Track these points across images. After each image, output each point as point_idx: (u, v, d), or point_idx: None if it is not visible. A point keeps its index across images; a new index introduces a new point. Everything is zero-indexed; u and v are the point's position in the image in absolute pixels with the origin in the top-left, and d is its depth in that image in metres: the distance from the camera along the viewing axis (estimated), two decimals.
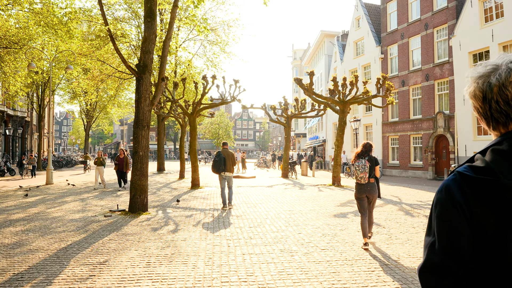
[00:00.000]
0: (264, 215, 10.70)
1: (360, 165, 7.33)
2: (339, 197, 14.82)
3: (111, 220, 10.09)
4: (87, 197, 15.24)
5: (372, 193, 7.36)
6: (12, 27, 23.14)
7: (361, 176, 7.31)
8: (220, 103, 19.21)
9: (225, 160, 12.20)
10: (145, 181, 11.39)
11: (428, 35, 27.76)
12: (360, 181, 7.37)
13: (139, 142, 11.31)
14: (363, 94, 19.79)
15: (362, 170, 7.30)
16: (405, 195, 15.85)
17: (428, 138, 27.43)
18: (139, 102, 11.40)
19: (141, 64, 11.45)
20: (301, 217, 10.38)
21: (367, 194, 7.38)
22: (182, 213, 11.18)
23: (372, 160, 7.51)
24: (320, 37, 48.10)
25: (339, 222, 9.57)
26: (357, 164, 7.38)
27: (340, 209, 11.83)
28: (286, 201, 13.79)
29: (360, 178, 7.33)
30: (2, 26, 22.48)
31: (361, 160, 7.40)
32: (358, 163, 7.38)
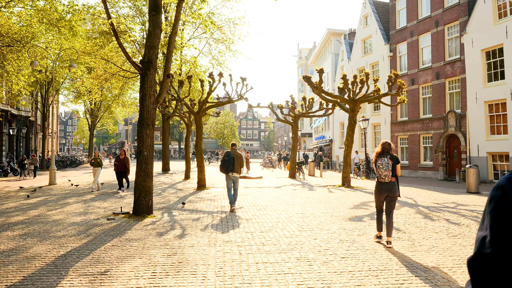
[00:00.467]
0: (275, 218, 10.15)
1: (383, 163, 7.45)
2: (351, 199, 14.25)
3: (114, 223, 9.58)
4: (90, 198, 14.75)
5: (393, 191, 7.42)
6: (14, 25, 22.75)
7: (385, 174, 7.40)
8: (227, 101, 18.69)
9: (234, 161, 11.90)
10: (150, 182, 10.87)
11: (439, 32, 27.12)
12: (384, 180, 7.44)
13: (144, 142, 10.80)
14: (373, 92, 19.19)
15: (386, 168, 7.41)
16: (419, 196, 15.26)
17: (438, 137, 26.79)
18: (143, 100, 10.89)
19: (145, 60, 10.94)
20: (314, 220, 9.83)
21: (388, 193, 7.45)
22: (188, 216, 10.66)
23: (393, 158, 7.56)
24: (327, 35, 47.49)
25: (355, 227, 9.01)
26: (380, 162, 7.49)
27: (354, 211, 11.27)
28: (297, 203, 13.24)
29: (384, 176, 7.42)
30: (5, 24, 22.09)
31: (384, 158, 7.50)
32: (381, 161, 7.49)
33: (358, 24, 37.36)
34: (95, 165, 18.06)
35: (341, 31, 46.20)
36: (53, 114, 61.24)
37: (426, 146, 28.54)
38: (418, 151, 28.93)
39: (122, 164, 17.37)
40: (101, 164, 17.99)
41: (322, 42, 49.89)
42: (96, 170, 17.95)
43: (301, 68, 77.41)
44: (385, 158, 7.51)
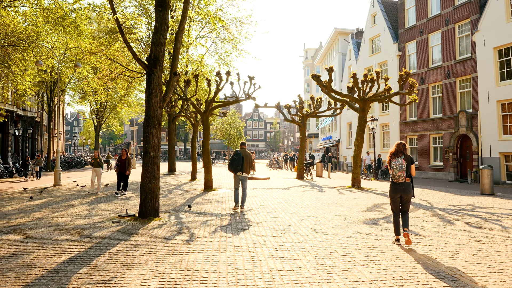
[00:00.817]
0: (286, 221, 9.74)
1: (397, 164, 7.43)
2: (363, 201, 13.81)
3: (119, 227, 9.21)
4: (94, 200, 14.41)
5: (407, 192, 7.44)
6: (19, 24, 22.52)
7: (399, 175, 7.40)
8: (234, 101, 18.30)
9: (243, 160, 11.74)
10: (157, 184, 10.50)
11: (449, 30, 26.60)
12: (398, 180, 7.44)
13: (150, 142, 10.43)
14: (384, 92, 18.73)
15: (400, 169, 7.40)
16: (433, 198, 14.80)
17: (449, 138, 26.28)
18: (149, 98, 10.53)
19: (152, 57, 10.57)
20: (328, 224, 9.42)
21: (402, 194, 7.47)
22: (196, 218, 10.27)
23: (408, 159, 7.56)
24: (334, 35, 47.02)
25: (371, 231, 8.59)
26: (394, 163, 7.48)
27: (368, 214, 10.84)
28: (307, 205, 12.83)
29: (398, 177, 7.41)
30: (10, 23, 21.86)
31: (398, 159, 7.49)
32: (395, 162, 7.48)
33: (366, 23, 36.87)
34: (95, 165, 17.32)
35: (348, 31, 45.72)
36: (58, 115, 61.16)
37: (436, 147, 28.02)
38: (428, 152, 28.42)
39: (124, 165, 16.59)
40: (101, 164, 17.24)
41: (329, 42, 49.41)
42: (96, 171, 17.20)
43: (307, 68, 76.94)
44: (399, 159, 7.48)
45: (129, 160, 16.51)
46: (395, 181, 7.50)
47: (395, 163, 7.46)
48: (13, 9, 22.52)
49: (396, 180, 7.47)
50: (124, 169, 16.41)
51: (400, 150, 7.59)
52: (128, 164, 16.46)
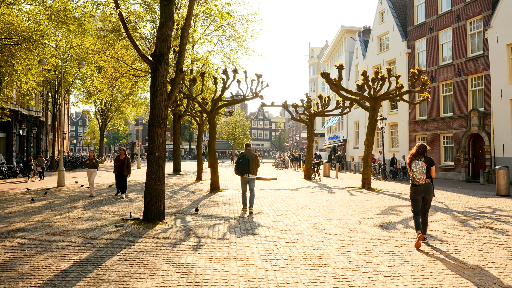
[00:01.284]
0: (298, 226, 9.24)
1: (417, 166, 7.44)
2: (376, 203, 13.28)
3: (122, 231, 8.74)
4: (98, 201, 13.97)
5: (428, 193, 7.50)
6: (23, 22, 22.16)
7: (419, 177, 7.42)
8: (241, 99, 17.81)
9: (249, 162, 11.60)
10: (162, 185, 10.02)
11: (460, 27, 25.97)
12: (418, 183, 7.46)
13: (155, 142, 9.95)
14: (396, 90, 18.18)
15: (420, 172, 7.42)
16: (448, 200, 14.24)
17: (460, 137, 25.65)
18: (154, 96, 10.05)
19: (156, 53, 10.10)
20: (343, 228, 8.90)
21: (423, 195, 7.52)
22: (203, 222, 9.79)
23: (428, 161, 7.59)
24: (341, 33, 46.41)
25: (390, 236, 8.07)
26: (415, 165, 7.48)
27: (384, 218, 10.31)
28: (318, 207, 12.31)
29: (418, 179, 7.43)
30: (13, 21, 21.50)
31: (418, 161, 7.49)
32: (415, 164, 7.48)
33: (374, 21, 36.28)
34: (90, 167, 16.02)
35: (356, 28, 45.11)
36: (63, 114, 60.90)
37: (447, 146, 27.41)
38: (438, 151, 27.79)
39: (122, 166, 15.30)
40: (96, 165, 16.03)
41: (335, 40, 48.81)
42: (91, 172, 15.93)
43: (313, 67, 76.35)
44: (419, 161, 7.49)
45: (128, 161, 15.33)
46: (415, 183, 7.52)
47: (415, 166, 7.47)
48: (16, 7, 22.18)
49: (416, 182, 7.48)
50: (123, 170, 15.33)
51: (420, 152, 7.58)
52: (128, 164, 15.29)
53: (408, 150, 30.58)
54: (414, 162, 7.52)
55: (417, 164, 7.45)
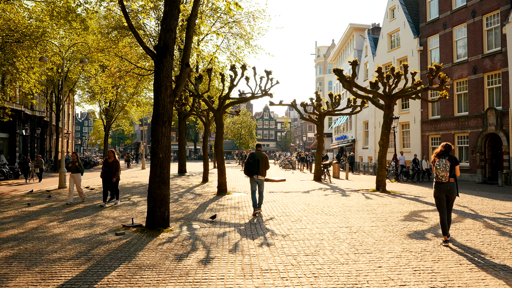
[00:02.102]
0: (317, 234, 8.36)
1: (441, 164, 7.54)
2: (396, 207, 12.37)
3: (123, 240, 7.91)
4: (99, 205, 13.14)
5: (451, 192, 7.57)
6: (24, 19, 21.48)
7: (442, 175, 7.51)
8: (250, 97, 16.95)
9: (259, 163, 11.24)
10: (166, 189, 9.18)
11: (476, 23, 24.97)
12: (441, 180, 7.55)
13: (159, 142, 9.11)
14: (413, 87, 17.25)
15: (443, 169, 7.51)
16: (472, 203, 13.31)
17: (476, 137, 24.66)
18: (158, 92, 9.21)
19: (161, 45, 9.26)
20: (367, 238, 8.02)
21: (447, 193, 7.59)
22: (211, 230, 8.94)
23: (452, 159, 7.66)
24: (349, 31, 45.45)
25: (423, 248, 7.17)
26: (438, 163, 7.59)
27: (409, 225, 9.41)
28: (335, 212, 11.42)
29: (441, 177, 7.53)
30: (14, 18, 20.81)
31: (442, 159, 7.58)
32: (439, 162, 7.58)
33: (384, 17, 35.31)
34: (73, 171, 13.98)
35: (364, 26, 44.13)
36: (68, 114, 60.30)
37: (462, 147, 26.41)
38: (452, 152, 26.75)
39: (111, 170, 13.37)
40: (81, 169, 14.08)
41: (343, 38, 47.84)
42: (75, 177, 13.97)
43: (319, 66, 75.45)
44: (443, 159, 7.59)
45: (117, 164, 13.45)
46: (439, 181, 7.61)
47: (439, 164, 7.57)
48: (17, 3, 21.49)
49: (439, 180, 7.58)
50: (112, 175, 13.36)
51: (446, 151, 7.69)
52: (116, 168, 13.38)
53: (420, 150, 29.63)
54: (438, 160, 7.61)
55: (441, 161, 7.54)
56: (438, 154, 7.70)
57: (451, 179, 7.53)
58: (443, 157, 7.62)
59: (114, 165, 13.36)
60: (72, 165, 14.02)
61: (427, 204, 13.05)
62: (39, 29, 21.34)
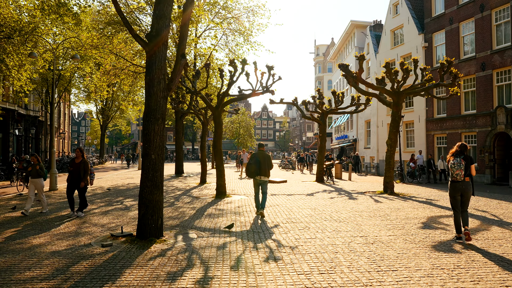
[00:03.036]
0: (329, 246, 7.39)
1: (456, 163, 7.63)
2: (411, 212, 11.41)
3: (109, 254, 6.92)
4: (89, 210, 12.15)
5: (466, 191, 7.66)
6: (14, 13, 20.52)
7: (457, 173, 7.61)
8: (251, 94, 15.97)
9: (260, 164, 10.93)
10: (159, 195, 8.20)
11: (484, 18, 24.05)
12: (456, 179, 7.64)
13: (151, 141, 8.13)
14: (425, 82, 16.29)
15: (458, 168, 7.59)
16: (489, 207, 12.37)
17: (484, 136, 23.73)
18: (150, 86, 8.24)
19: (153, 33, 8.28)
20: (387, 250, 7.05)
21: (462, 192, 7.68)
22: (210, 240, 7.97)
23: (467, 159, 7.72)
24: (350, 28, 44.49)
25: (454, 263, 6.21)
26: (453, 162, 7.69)
27: (431, 234, 8.45)
28: (345, 218, 10.45)
29: (456, 175, 7.62)
30: (3, 12, 19.84)
31: (457, 158, 7.70)
32: (453, 161, 7.69)
33: (387, 13, 34.38)
34: (33, 175, 11.74)
35: (366, 23, 43.19)
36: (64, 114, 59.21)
37: (469, 146, 25.48)
38: (468, 152, 25.78)
39: (78, 172, 11.09)
40: (42, 174, 11.79)
41: (344, 36, 46.88)
42: (36, 183, 11.70)
43: (319, 65, 74.53)
44: (458, 158, 7.71)
45: (85, 165, 11.16)
46: (454, 179, 7.71)
47: (454, 162, 7.68)
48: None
49: (455, 178, 7.67)
50: (78, 179, 11.07)
51: (461, 151, 7.79)
52: (85, 170, 11.09)
53: (425, 150, 28.71)
54: (453, 159, 7.73)
55: (456, 160, 7.64)
56: (454, 153, 7.81)
57: (467, 178, 7.60)
58: (458, 156, 7.73)
59: (82, 167, 11.10)
60: (32, 168, 11.79)
61: (443, 209, 12.10)
62: (30, 25, 20.43)
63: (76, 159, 11.27)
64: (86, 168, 11.13)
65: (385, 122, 33.56)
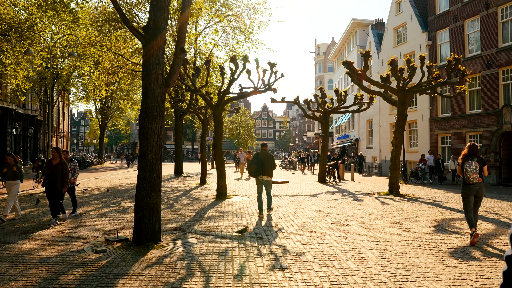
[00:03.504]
0: (339, 252, 6.90)
1: (471, 166, 7.66)
2: (421, 215, 10.92)
3: (103, 261, 6.44)
4: (83, 212, 11.67)
5: (480, 192, 7.76)
6: (9, 10, 20.05)
7: (473, 177, 7.62)
8: (252, 92, 15.48)
9: (263, 163, 10.78)
10: (157, 197, 7.72)
11: (490, 15, 23.56)
12: (472, 182, 7.65)
13: (148, 140, 7.65)
14: (431, 80, 15.81)
15: (474, 171, 7.63)
16: (502, 210, 11.89)
17: (490, 136, 23.25)
18: (147, 82, 7.76)
19: (150, 25, 7.80)
20: (401, 257, 6.56)
21: (476, 194, 7.76)
22: (211, 245, 7.48)
23: (480, 161, 7.78)
24: (351, 27, 44.00)
25: (477, 272, 5.72)
26: (468, 166, 7.69)
27: (446, 239, 7.97)
28: (352, 221, 9.97)
29: (472, 179, 7.64)
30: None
31: (471, 162, 7.70)
32: (469, 165, 7.68)
33: (390, 11, 33.88)
34: (9, 177, 10.49)
35: (368, 21, 42.70)
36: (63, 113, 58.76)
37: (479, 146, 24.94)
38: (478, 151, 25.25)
39: (55, 175, 9.74)
40: (19, 174, 10.55)
41: (345, 35, 46.37)
42: (11, 186, 10.45)
43: (319, 65, 74.05)
44: (473, 161, 7.71)
45: (64, 167, 9.80)
46: (469, 182, 7.71)
47: (469, 166, 7.67)
48: None
49: (470, 181, 7.68)
50: (55, 182, 9.73)
51: (473, 152, 7.85)
52: (63, 173, 9.74)
53: (428, 150, 28.24)
54: (467, 163, 7.71)
55: (471, 164, 7.66)
56: (466, 155, 7.83)
57: (480, 179, 7.67)
58: (472, 159, 7.75)
59: (60, 169, 9.70)
60: (8, 170, 10.45)
61: (454, 211, 11.62)
62: (27, 22, 20.00)
63: (53, 160, 9.92)
64: (64, 171, 9.75)
65: (387, 122, 33.08)
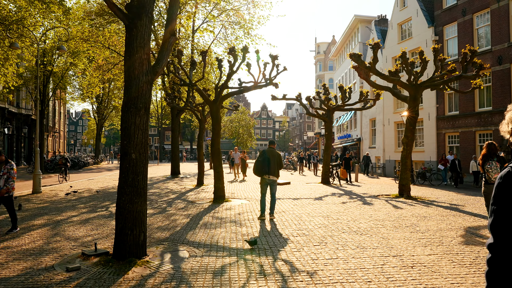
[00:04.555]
0: (358, 270, 5.75)
1: (492, 167, 7.97)
2: (442, 221, 9.78)
3: (73, 282, 5.29)
4: (67, 217, 10.51)
5: None
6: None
7: (495, 177, 7.64)
8: (252, 86, 14.32)
9: (270, 161, 10.18)
10: (142, 204, 6.55)
11: (501, 8, 22.45)
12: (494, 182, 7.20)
13: (131, 137, 6.49)
14: (447, 74, 14.69)
15: (496, 171, 7.90)
16: None
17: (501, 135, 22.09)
18: (131, 68, 6.60)
19: (134, 3, 6.66)
20: (434, 277, 5.42)
21: None
22: (205, 261, 6.33)
23: (501, 160, 8.04)
24: (353, 23, 42.86)
25: None
26: (489, 166, 7.99)
27: (480, 252, 6.82)
28: (365, 229, 8.81)
29: (495, 179, 7.05)
30: None
31: (492, 162, 7.98)
32: (490, 165, 7.99)
33: (394, 6, 32.76)
34: None
35: (370, 18, 41.56)
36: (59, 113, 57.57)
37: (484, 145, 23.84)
38: (473, 151, 24.21)
39: None
40: None
41: (347, 31, 45.25)
42: None
43: (320, 63, 72.96)
44: (493, 161, 7.97)
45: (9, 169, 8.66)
46: (491, 182, 7.89)
47: (490, 166, 7.94)
48: None
49: (492, 182, 7.80)
50: None
51: (493, 152, 8.02)
52: (8, 175, 8.60)
53: (435, 150, 27.15)
54: (488, 163, 7.93)
55: (492, 164, 7.88)
56: (486, 155, 8.02)
57: None
58: (492, 158, 7.96)
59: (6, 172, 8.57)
60: None
61: (477, 217, 10.47)
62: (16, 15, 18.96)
63: None
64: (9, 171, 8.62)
65: (391, 120, 31.98)
